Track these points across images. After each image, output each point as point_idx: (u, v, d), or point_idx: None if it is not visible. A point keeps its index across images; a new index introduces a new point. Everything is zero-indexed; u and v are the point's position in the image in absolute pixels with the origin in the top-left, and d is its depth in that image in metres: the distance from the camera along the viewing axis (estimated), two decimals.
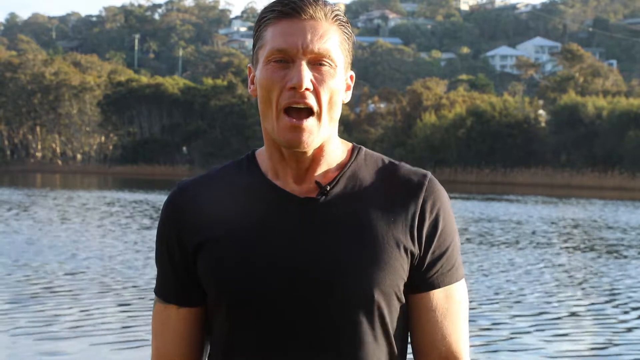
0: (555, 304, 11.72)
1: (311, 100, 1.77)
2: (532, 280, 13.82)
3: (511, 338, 9.47)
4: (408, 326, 1.86)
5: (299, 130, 1.77)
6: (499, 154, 63.09)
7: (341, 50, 1.82)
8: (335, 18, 1.81)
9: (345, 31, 1.83)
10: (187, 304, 1.88)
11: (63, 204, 31.40)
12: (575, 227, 24.77)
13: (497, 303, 11.64)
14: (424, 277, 1.83)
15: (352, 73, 1.88)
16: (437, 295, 1.84)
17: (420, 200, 1.83)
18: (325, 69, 1.79)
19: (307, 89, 1.77)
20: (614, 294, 12.70)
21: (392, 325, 1.82)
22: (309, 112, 1.78)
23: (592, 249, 18.75)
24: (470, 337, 9.09)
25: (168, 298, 1.90)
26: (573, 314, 11.08)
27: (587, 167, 59.59)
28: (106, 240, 18.87)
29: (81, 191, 43.03)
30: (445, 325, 1.84)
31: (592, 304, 11.87)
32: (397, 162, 1.89)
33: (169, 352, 1.90)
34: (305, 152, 1.81)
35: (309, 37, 1.78)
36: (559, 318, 10.76)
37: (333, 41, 1.80)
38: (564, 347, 9.11)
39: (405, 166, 1.88)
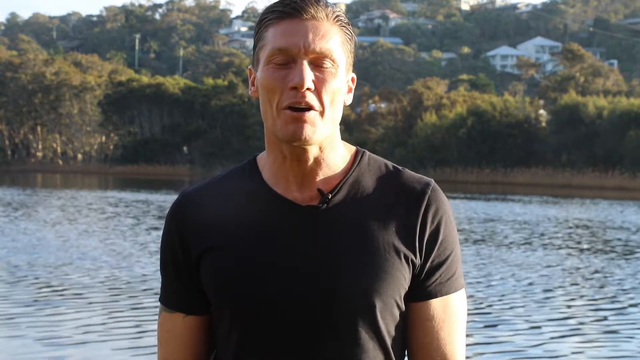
0: (568, 306, 11.61)
1: (313, 100, 1.76)
2: (543, 282, 13.70)
3: (519, 340, 9.39)
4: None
5: (301, 121, 1.75)
6: (500, 154, 63.02)
7: (343, 50, 1.80)
8: (336, 19, 1.80)
9: (347, 32, 1.81)
10: (193, 312, 1.88)
11: (67, 204, 31.33)
12: (584, 227, 24.65)
13: (505, 304, 11.53)
14: (423, 286, 1.83)
15: (354, 75, 1.87)
16: (435, 305, 1.83)
17: (422, 209, 1.82)
18: (327, 69, 1.77)
19: (308, 89, 1.75)
20: (628, 296, 12.56)
21: (391, 333, 1.82)
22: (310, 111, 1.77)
23: (603, 250, 18.59)
24: (477, 339, 9.09)
25: (173, 306, 1.90)
26: (584, 316, 10.98)
27: (587, 167, 59.51)
28: (113, 241, 18.67)
29: (83, 191, 42.96)
30: (442, 335, 1.84)
31: (604, 305, 11.77)
32: (400, 168, 1.87)
33: None
34: (307, 151, 1.79)
35: (310, 36, 1.76)
36: (570, 321, 10.66)
37: (335, 41, 1.78)
38: (576, 350, 9.02)
39: (409, 173, 1.87)
